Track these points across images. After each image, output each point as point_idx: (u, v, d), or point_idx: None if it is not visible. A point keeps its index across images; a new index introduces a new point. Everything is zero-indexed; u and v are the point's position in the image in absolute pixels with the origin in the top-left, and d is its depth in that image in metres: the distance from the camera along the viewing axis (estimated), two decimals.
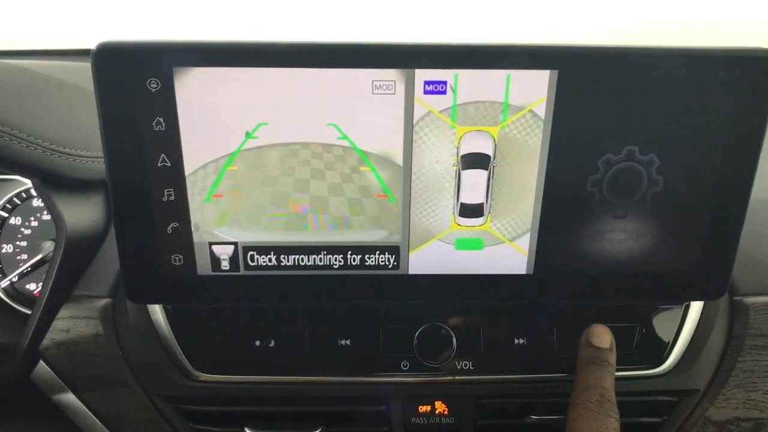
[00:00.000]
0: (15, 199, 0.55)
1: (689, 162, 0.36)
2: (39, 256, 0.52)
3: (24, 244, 0.54)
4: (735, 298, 0.45)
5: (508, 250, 0.39)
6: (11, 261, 0.54)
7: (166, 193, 0.37)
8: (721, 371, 0.45)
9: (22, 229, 0.55)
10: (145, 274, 0.39)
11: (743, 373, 0.44)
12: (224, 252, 0.39)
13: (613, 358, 0.40)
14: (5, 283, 0.53)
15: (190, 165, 0.36)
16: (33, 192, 0.54)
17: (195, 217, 0.38)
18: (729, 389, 0.44)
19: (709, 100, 0.35)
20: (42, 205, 0.55)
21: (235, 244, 0.39)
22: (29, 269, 0.52)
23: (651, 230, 0.38)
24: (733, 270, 0.40)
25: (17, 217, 0.55)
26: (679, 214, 0.38)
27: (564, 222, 0.38)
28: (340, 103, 0.35)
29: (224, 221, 0.38)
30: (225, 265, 0.39)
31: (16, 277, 0.53)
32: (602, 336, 0.41)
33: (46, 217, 0.54)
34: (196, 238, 0.38)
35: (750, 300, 0.45)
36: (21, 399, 0.47)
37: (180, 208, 0.37)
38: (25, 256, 0.54)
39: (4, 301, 0.53)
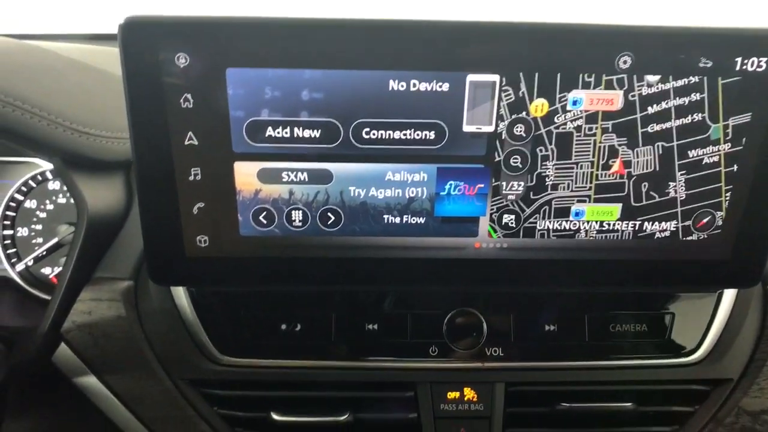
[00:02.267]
0: (30, 182, 0.54)
1: (724, 151, 0.36)
2: (54, 240, 0.51)
3: (39, 227, 0.54)
4: None
5: None
6: (27, 245, 0.53)
7: (192, 173, 0.36)
8: (755, 360, 0.44)
9: (38, 213, 0.54)
10: (169, 256, 0.38)
11: None
12: None
13: None
14: (21, 266, 0.52)
15: None
16: (49, 175, 0.54)
17: None
18: (763, 379, 0.44)
19: (743, 89, 0.34)
20: (58, 188, 0.54)
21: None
22: (45, 253, 0.52)
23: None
24: None
25: (33, 201, 0.54)
26: (714, 203, 0.37)
27: None
28: None
29: None
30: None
31: (32, 261, 0.52)
32: None
33: (62, 200, 0.54)
34: None
35: None
36: (43, 381, 0.46)
37: (207, 188, 0.36)
38: (40, 240, 0.53)
39: (20, 286, 0.53)
